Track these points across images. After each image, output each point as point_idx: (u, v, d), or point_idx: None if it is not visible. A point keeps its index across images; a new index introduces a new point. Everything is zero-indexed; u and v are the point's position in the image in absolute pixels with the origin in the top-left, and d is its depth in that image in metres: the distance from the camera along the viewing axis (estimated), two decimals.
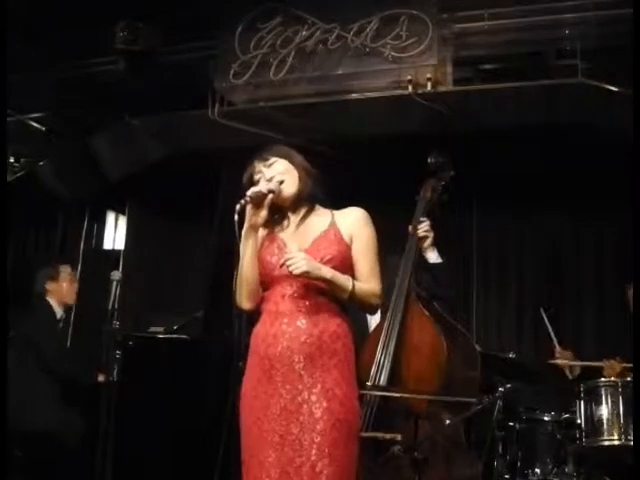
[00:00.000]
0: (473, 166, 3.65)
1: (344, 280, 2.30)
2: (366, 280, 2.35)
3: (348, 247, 2.36)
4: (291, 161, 2.43)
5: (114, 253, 6.34)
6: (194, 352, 4.79)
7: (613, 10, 3.97)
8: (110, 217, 6.53)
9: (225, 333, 4.55)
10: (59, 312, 4.59)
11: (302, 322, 2.28)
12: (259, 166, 2.43)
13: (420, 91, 4.27)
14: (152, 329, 5.09)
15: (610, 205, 4.81)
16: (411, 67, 4.23)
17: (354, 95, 4.50)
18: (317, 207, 2.46)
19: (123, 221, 6.42)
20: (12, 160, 5.66)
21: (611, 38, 4.01)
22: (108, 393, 3.53)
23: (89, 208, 6.43)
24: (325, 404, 2.20)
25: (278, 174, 2.39)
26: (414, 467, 2.85)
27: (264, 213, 2.35)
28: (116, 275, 3.67)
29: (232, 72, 4.55)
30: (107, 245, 6.49)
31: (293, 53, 4.43)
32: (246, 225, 2.34)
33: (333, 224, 2.40)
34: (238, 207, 2.28)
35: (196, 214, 5.96)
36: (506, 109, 4.59)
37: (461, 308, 5.18)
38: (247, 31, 4.56)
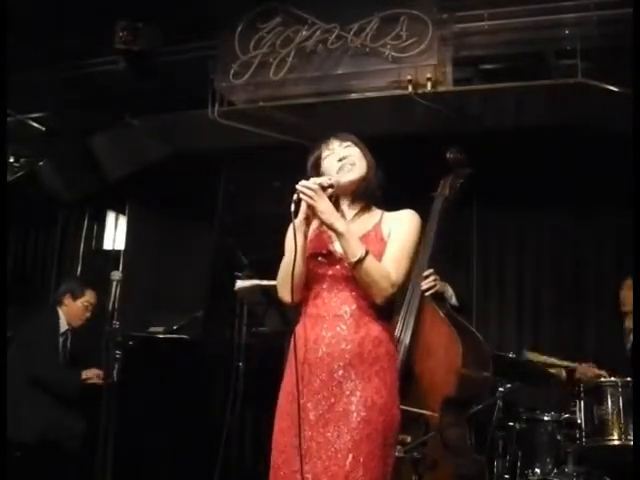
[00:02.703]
0: (473, 166, 3.65)
1: (358, 245, 2.17)
2: (385, 263, 2.22)
3: (386, 244, 2.28)
4: (363, 152, 2.38)
5: (114, 253, 6.34)
6: (194, 352, 4.80)
7: (613, 10, 3.96)
8: (110, 217, 6.53)
9: (225, 333, 4.57)
10: (63, 327, 4.58)
11: (342, 328, 2.20)
12: (334, 144, 2.37)
13: (420, 91, 4.27)
14: (152, 329, 5.09)
15: (610, 205, 4.81)
16: (411, 67, 4.23)
17: (354, 95, 4.50)
18: (372, 208, 2.39)
19: (123, 221, 6.42)
20: (12, 160, 5.66)
21: (611, 38, 4.01)
22: (108, 393, 3.52)
23: (89, 208, 6.44)
24: (363, 413, 2.13)
25: (351, 156, 2.34)
26: (414, 467, 2.85)
27: None
28: (116, 275, 3.66)
29: (232, 72, 4.55)
30: (107, 245, 6.49)
31: (293, 53, 4.43)
32: (300, 216, 2.22)
33: (378, 224, 2.32)
34: (295, 197, 2.17)
35: (196, 214, 5.95)
36: (506, 109, 4.59)
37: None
38: (247, 31, 4.56)
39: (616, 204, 4.51)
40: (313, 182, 2.19)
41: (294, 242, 2.19)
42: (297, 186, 2.18)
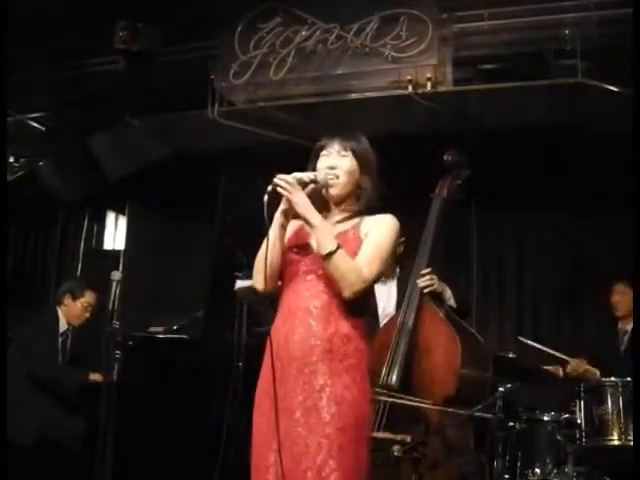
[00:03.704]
0: (473, 166, 3.65)
1: (331, 239, 2.20)
2: (358, 260, 2.23)
3: (362, 244, 2.28)
4: (361, 165, 2.35)
5: (114, 253, 6.34)
6: (194, 352, 4.80)
7: (613, 10, 3.97)
8: (110, 217, 6.54)
9: (225, 333, 4.57)
10: (63, 326, 4.58)
11: (313, 323, 2.22)
12: (334, 147, 2.35)
13: (420, 91, 4.27)
14: (152, 329, 5.09)
15: (610, 205, 4.81)
16: (411, 67, 4.24)
17: (354, 95, 4.50)
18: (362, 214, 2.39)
19: (123, 221, 6.43)
20: (12, 160, 5.66)
21: (611, 38, 4.01)
22: (108, 393, 3.52)
23: (89, 208, 6.44)
24: (334, 408, 2.15)
25: (340, 169, 2.32)
26: (414, 467, 2.85)
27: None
28: (116, 275, 3.67)
29: (232, 72, 4.55)
30: (107, 245, 6.49)
31: (293, 53, 4.44)
32: (280, 207, 2.26)
33: (357, 225, 2.34)
34: (269, 188, 2.18)
35: (196, 214, 5.96)
36: (506, 109, 4.59)
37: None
38: (247, 31, 4.57)
39: (616, 204, 4.51)
40: (292, 176, 2.23)
41: (268, 232, 2.23)
42: (274, 179, 2.21)
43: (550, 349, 4.24)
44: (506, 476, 3.65)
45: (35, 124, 5.50)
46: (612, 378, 3.66)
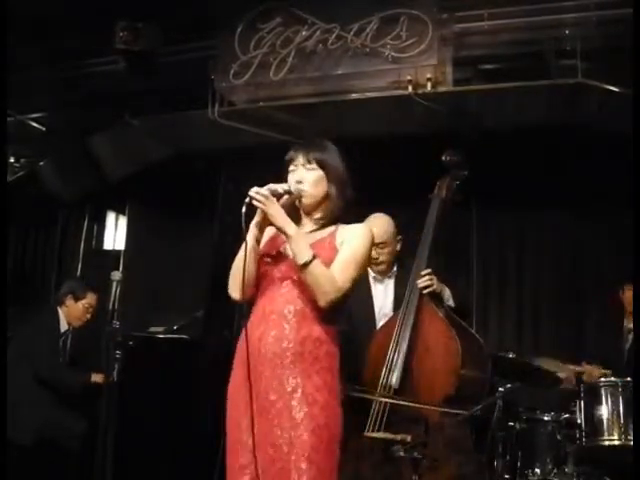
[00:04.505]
0: (473, 166, 3.66)
1: (306, 249, 2.25)
2: (333, 269, 2.28)
3: (337, 253, 2.33)
4: (329, 173, 2.40)
5: (114, 253, 6.34)
6: (194, 352, 4.79)
7: (613, 10, 3.97)
8: (110, 217, 6.54)
9: (225, 333, 4.56)
10: (63, 327, 4.58)
11: (286, 327, 2.27)
12: (299, 161, 2.40)
13: (420, 91, 4.27)
14: (152, 329, 5.09)
15: (610, 205, 4.81)
16: (411, 67, 4.24)
17: (354, 95, 4.51)
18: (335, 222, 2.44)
19: (123, 221, 6.43)
20: (12, 160, 5.66)
21: (611, 38, 4.01)
22: (108, 393, 3.52)
23: (89, 208, 6.44)
24: (305, 409, 2.20)
25: (307, 182, 2.37)
26: (414, 467, 2.85)
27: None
28: (116, 275, 3.67)
29: (232, 72, 4.55)
30: (107, 245, 6.49)
31: (293, 53, 4.44)
32: (255, 219, 2.32)
33: (333, 234, 2.39)
34: (247, 200, 2.24)
35: (196, 214, 5.96)
36: (506, 109, 4.59)
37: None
38: (247, 31, 4.57)
39: (616, 204, 4.51)
40: (267, 188, 2.28)
41: (244, 243, 2.29)
42: (250, 192, 2.25)
43: (562, 363, 4.19)
44: (506, 476, 3.64)
45: (35, 124, 5.49)
46: (612, 378, 3.66)
